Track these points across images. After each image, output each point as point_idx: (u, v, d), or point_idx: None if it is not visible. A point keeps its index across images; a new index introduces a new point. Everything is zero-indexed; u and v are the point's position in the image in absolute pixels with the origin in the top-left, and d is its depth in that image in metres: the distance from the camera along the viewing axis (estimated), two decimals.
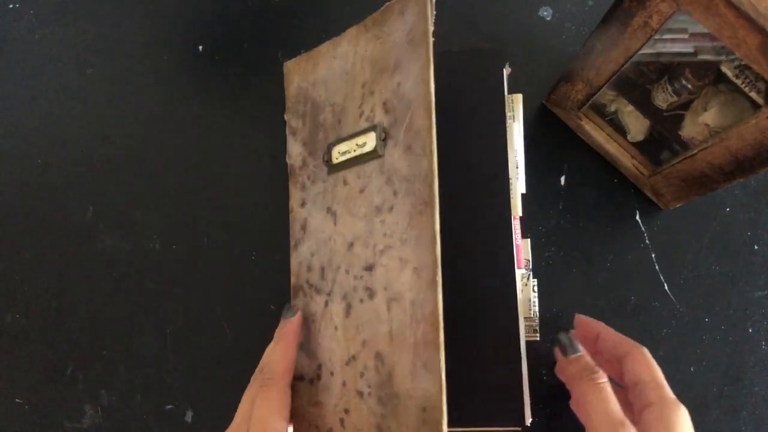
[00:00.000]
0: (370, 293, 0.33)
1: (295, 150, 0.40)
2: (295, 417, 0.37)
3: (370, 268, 0.34)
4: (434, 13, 0.32)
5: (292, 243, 0.40)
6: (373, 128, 0.34)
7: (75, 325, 0.44)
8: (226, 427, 0.32)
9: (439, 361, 0.29)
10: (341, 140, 0.36)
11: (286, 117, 0.41)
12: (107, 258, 0.44)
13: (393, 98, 0.33)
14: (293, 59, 0.41)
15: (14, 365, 0.44)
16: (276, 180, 0.44)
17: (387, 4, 0.34)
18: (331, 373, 0.35)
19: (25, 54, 0.47)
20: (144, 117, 0.46)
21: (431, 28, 0.32)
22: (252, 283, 0.44)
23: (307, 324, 0.38)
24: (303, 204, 0.38)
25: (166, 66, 0.47)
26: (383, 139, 0.33)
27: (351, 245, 0.35)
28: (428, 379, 0.30)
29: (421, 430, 0.30)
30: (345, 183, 0.36)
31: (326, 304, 0.36)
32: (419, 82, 0.31)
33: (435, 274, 0.30)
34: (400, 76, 0.33)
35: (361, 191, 0.34)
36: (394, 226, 0.32)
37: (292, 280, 0.40)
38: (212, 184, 0.45)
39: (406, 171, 0.32)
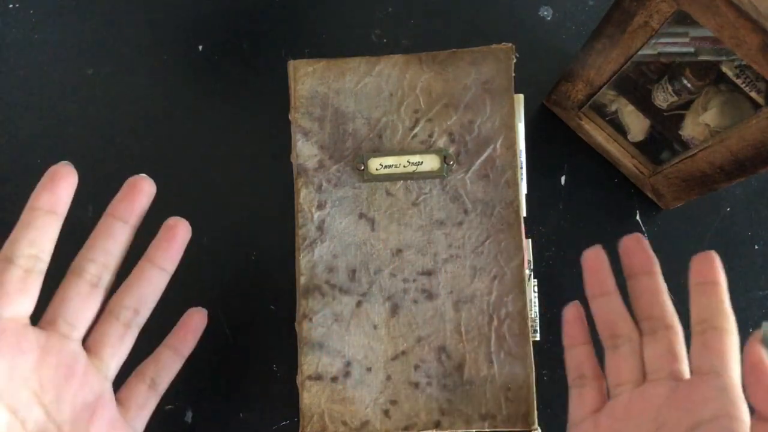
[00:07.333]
0: (429, 295, 0.38)
1: (307, 151, 0.40)
2: (304, 416, 0.38)
3: (428, 273, 0.38)
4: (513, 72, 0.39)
5: (302, 242, 0.40)
6: (436, 152, 0.39)
7: None
8: (226, 427, 0.32)
9: (529, 347, 0.37)
10: (384, 154, 0.39)
11: (292, 117, 0.41)
12: None
13: (462, 132, 0.39)
14: (302, 60, 0.41)
15: None
16: (276, 180, 0.44)
17: (453, 50, 0.40)
18: (368, 369, 0.38)
19: (25, 54, 0.47)
20: (144, 117, 0.46)
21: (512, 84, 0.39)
22: (252, 283, 0.44)
23: (327, 324, 0.39)
24: (321, 205, 0.40)
25: (166, 66, 0.47)
26: (449, 163, 0.39)
27: (399, 251, 0.39)
28: (513, 364, 0.37)
29: (505, 406, 0.37)
30: (388, 193, 0.39)
31: (358, 304, 0.39)
32: (503, 126, 0.39)
33: (522, 279, 0.38)
34: (473, 116, 0.39)
35: (415, 204, 0.39)
36: (464, 240, 0.38)
37: (303, 279, 0.40)
38: (212, 184, 0.45)
39: (482, 195, 0.39)
